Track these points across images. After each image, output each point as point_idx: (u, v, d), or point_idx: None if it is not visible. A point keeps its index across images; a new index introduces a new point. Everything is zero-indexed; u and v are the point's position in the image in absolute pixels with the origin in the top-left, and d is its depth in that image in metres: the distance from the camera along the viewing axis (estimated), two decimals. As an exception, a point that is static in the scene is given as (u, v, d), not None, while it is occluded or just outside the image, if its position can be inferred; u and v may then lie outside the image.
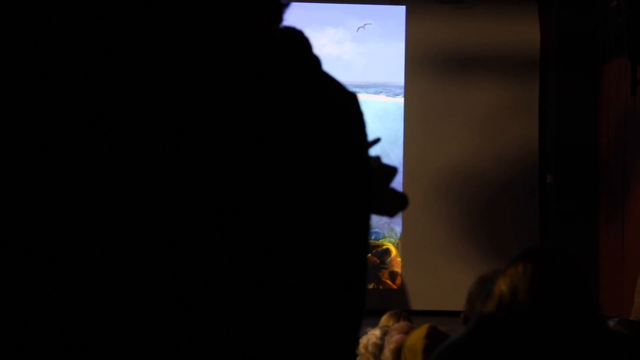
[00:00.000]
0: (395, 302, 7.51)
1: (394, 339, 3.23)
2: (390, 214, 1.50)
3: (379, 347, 3.46)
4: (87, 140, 0.80)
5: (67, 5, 0.83)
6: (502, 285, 1.95)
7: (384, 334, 3.50)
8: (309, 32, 0.98)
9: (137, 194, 0.81)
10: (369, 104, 8.20)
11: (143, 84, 0.82)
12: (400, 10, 8.49)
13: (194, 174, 0.83)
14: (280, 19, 0.96)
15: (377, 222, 8.27)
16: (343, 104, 0.95)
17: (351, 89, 0.97)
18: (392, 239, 8.30)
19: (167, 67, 0.84)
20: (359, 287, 0.95)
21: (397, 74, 8.45)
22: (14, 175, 0.79)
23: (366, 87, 8.36)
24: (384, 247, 8.28)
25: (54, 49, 0.81)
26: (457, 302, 3.53)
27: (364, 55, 8.51)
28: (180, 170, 0.82)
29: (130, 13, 0.84)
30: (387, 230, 8.30)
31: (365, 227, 0.96)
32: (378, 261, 8.24)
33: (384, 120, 8.27)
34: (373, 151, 1.43)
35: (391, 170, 1.44)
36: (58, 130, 0.80)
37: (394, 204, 1.49)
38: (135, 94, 0.82)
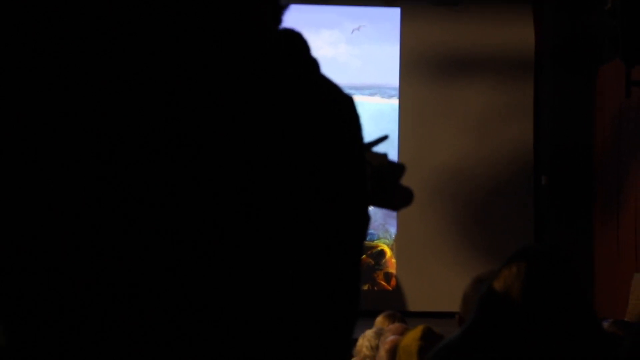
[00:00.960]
0: (390, 303, 7.51)
1: (389, 339, 3.23)
2: (396, 208, 1.50)
3: (374, 349, 3.46)
4: (87, 140, 0.80)
5: (67, 5, 0.83)
6: (496, 286, 1.95)
7: (379, 335, 3.50)
8: (304, 34, 0.98)
9: (137, 194, 0.81)
10: (363, 105, 8.20)
11: (143, 84, 0.83)
12: (395, 12, 8.50)
13: (194, 174, 0.83)
14: (279, 20, 0.96)
15: (372, 223, 8.25)
16: (339, 107, 0.95)
17: (346, 90, 0.97)
18: (387, 240, 8.30)
19: (168, 67, 0.84)
20: (353, 287, 0.95)
21: (391, 76, 8.46)
22: (14, 175, 0.80)
23: (361, 89, 8.36)
24: (379, 248, 8.28)
25: (54, 49, 0.81)
26: (452, 303, 3.53)
27: (359, 57, 8.51)
28: (180, 171, 0.82)
29: (130, 13, 0.84)
30: (382, 232, 8.30)
31: (360, 229, 0.97)
32: (373, 262, 8.24)
33: (379, 121, 8.27)
34: (379, 148, 1.43)
35: (399, 168, 1.45)
36: (58, 130, 0.80)
37: (399, 198, 1.50)
38: (136, 94, 0.82)
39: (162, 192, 0.82)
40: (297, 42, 0.95)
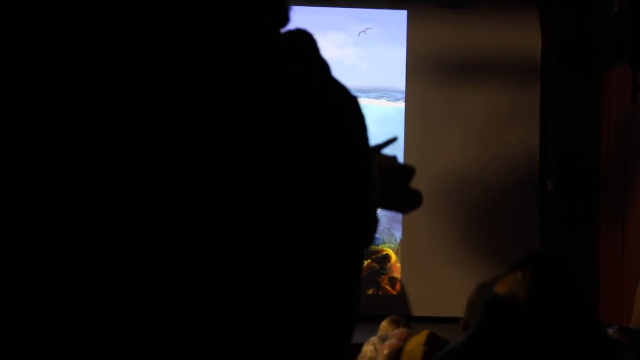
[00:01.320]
0: (395, 308, 7.51)
1: (386, 344, 3.22)
2: (405, 210, 1.50)
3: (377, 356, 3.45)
4: (87, 140, 0.81)
5: (67, 5, 0.83)
6: (500, 292, 1.95)
7: (384, 340, 3.49)
8: (312, 34, 0.98)
9: (137, 194, 0.81)
10: (369, 108, 8.19)
11: (143, 84, 0.83)
12: (402, 14, 8.50)
13: (194, 175, 0.83)
14: (284, 19, 0.96)
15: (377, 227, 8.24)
16: (343, 107, 0.95)
17: (352, 93, 0.97)
18: (392, 245, 8.29)
19: (168, 68, 0.84)
20: (353, 289, 0.95)
21: (398, 79, 8.46)
22: (14, 175, 0.79)
23: (367, 92, 8.36)
24: (384, 252, 8.28)
25: (54, 49, 0.82)
26: (456, 308, 3.52)
27: (365, 59, 8.51)
28: (180, 171, 0.82)
29: (130, 13, 0.84)
30: (387, 236, 8.29)
31: (362, 230, 0.97)
32: (378, 267, 8.24)
33: (385, 124, 8.27)
34: (389, 150, 1.43)
35: (408, 170, 1.44)
36: (58, 130, 0.80)
37: (408, 201, 1.49)
38: (136, 94, 0.82)
39: (162, 192, 0.82)
40: (301, 41, 0.95)
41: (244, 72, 0.87)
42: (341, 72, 8.22)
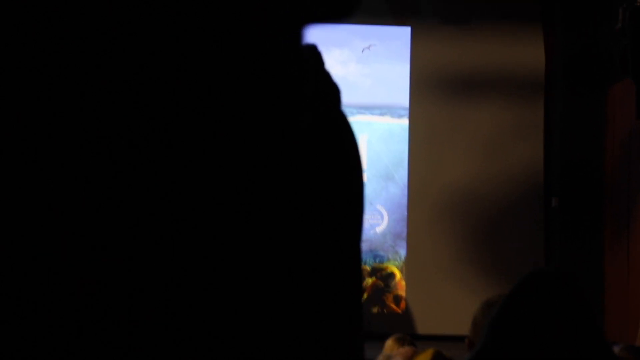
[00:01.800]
0: (400, 326, 7.50)
1: (391, 363, 3.22)
2: None
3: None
4: (86, 140, 0.81)
5: (67, 5, 0.83)
6: (505, 310, 1.95)
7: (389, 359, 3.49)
8: (316, 45, 0.98)
9: (137, 195, 0.81)
10: (373, 125, 8.21)
11: (143, 84, 0.83)
12: (405, 31, 8.53)
13: (195, 175, 0.83)
14: (287, 26, 0.96)
15: (382, 245, 8.27)
16: (339, 109, 0.95)
17: (356, 110, 0.96)
18: (397, 262, 8.29)
19: (167, 68, 0.84)
20: (354, 294, 0.95)
21: (401, 96, 8.47)
22: (13, 175, 0.80)
23: (371, 109, 8.37)
24: (389, 270, 8.27)
25: (54, 49, 0.82)
26: (462, 326, 3.51)
27: (369, 76, 8.53)
28: (180, 172, 0.82)
29: (130, 13, 0.84)
30: (392, 254, 8.29)
31: (359, 241, 0.96)
32: (382, 284, 8.23)
33: (389, 141, 8.28)
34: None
35: None
36: (57, 130, 0.80)
37: None
38: (135, 94, 0.82)
39: (162, 192, 0.82)
40: (302, 47, 0.95)
41: (245, 72, 0.87)
42: (345, 88, 8.31)
